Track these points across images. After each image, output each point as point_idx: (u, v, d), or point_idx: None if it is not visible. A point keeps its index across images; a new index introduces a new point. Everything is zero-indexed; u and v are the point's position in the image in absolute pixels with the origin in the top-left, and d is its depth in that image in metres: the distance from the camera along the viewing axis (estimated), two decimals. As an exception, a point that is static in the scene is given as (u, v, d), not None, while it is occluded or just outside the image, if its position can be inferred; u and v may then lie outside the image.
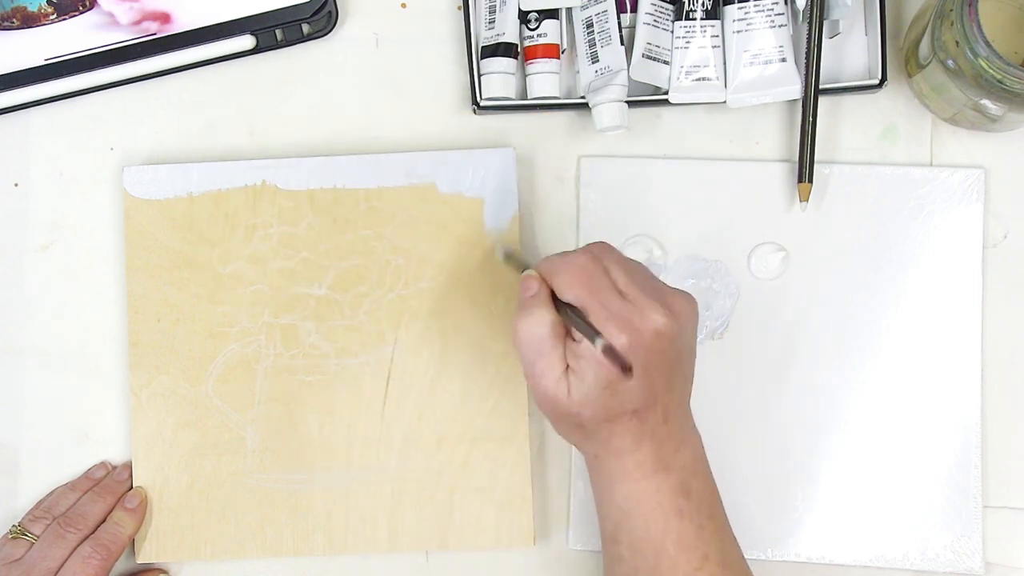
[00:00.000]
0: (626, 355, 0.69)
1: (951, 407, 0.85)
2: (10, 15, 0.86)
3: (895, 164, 0.87)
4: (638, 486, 0.72)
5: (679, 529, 0.71)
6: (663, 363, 0.71)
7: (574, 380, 0.71)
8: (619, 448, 0.72)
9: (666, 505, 0.72)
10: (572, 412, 0.71)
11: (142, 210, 0.86)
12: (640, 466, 0.72)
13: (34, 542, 0.82)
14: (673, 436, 0.72)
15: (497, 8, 0.86)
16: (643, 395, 0.70)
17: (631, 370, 0.69)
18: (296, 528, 0.85)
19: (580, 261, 0.72)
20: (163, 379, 0.86)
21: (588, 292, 0.70)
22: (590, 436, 0.72)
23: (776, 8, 0.84)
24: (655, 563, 0.71)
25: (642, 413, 0.71)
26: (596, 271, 0.71)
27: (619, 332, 0.69)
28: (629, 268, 0.72)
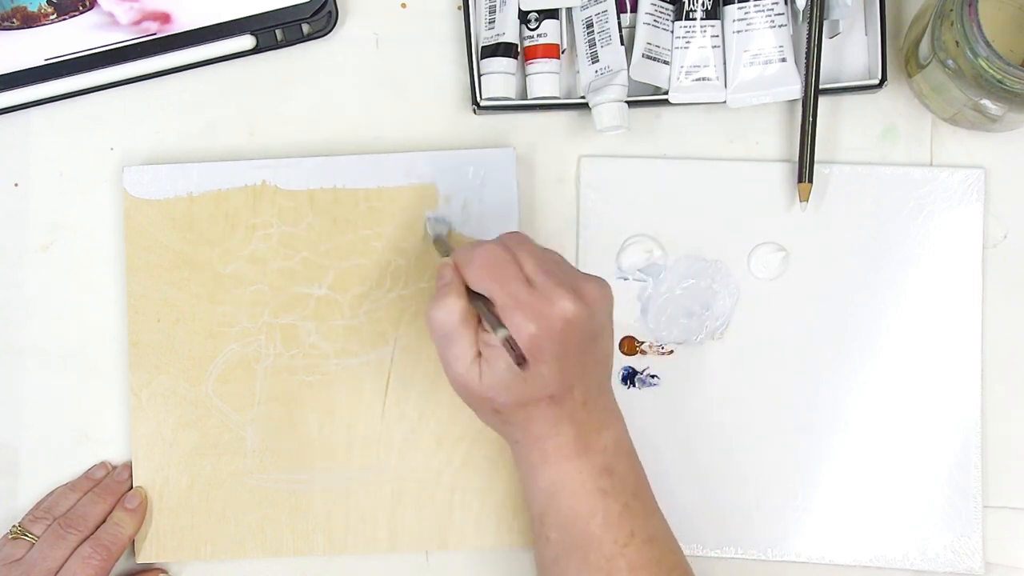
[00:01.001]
0: (535, 344, 0.70)
1: (951, 407, 0.85)
2: (10, 15, 0.86)
3: (895, 164, 0.87)
4: (560, 468, 0.73)
5: (604, 508, 0.72)
6: (575, 349, 0.72)
7: (485, 367, 0.72)
8: (538, 433, 0.73)
9: (589, 486, 0.73)
10: (486, 397, 0.73)
11: (142, 210, 0.86)
12: (561, 449, 0.73)
13: (34, 542, 0.82)
14: (593, 419, 0.73)
15: (497, 8, 0.86)
16: (556, 380, 0.72)
17: (527, 363, 0.70)
18: (296, 528, 0.85)
19: (491, 251, 0.73)
20: (163, 379, 0.86)
21: (496, 282, 0.72)
22: (508, 421, 0.74)
23: (776, 8, 0.84)
24: (582, 542, 0.72)
25: (558, 398, 0.72)
26: (506, 261, 0.72)
27: (526, 321, 0.70)
28: (540, 258, 0.73)
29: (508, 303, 0.71)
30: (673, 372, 0.86)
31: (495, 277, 0.72)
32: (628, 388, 0.86)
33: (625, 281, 0.87)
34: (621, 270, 0.87)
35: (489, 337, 0.72)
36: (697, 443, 0.86)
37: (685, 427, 0.86)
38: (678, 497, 0.85)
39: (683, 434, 0.86)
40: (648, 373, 0.86)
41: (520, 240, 0.74)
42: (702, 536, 0.85)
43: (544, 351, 0.71)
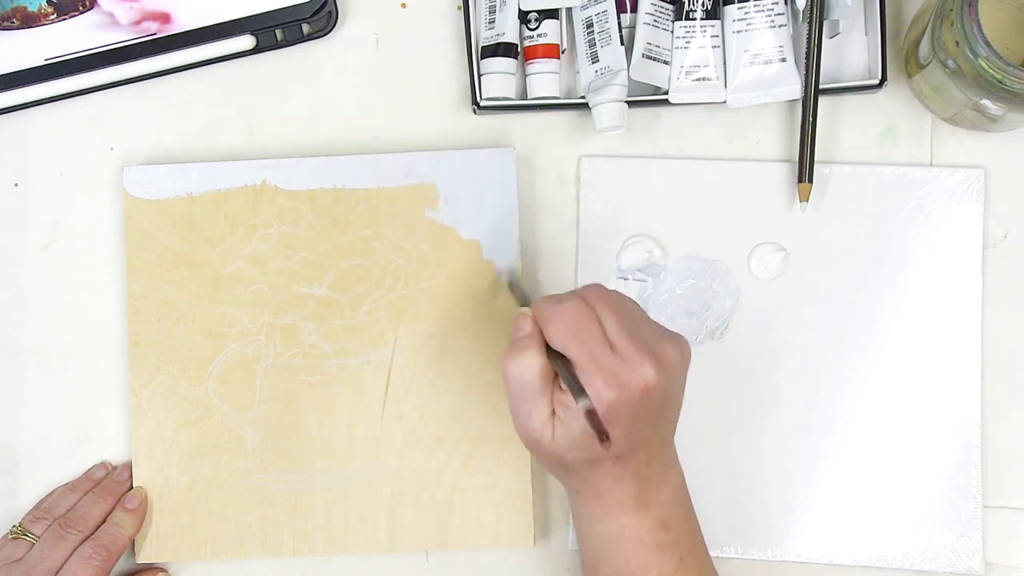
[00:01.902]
0: (612, 410, 0.69)
1: (951, 407, 0.85)
2: (10, 15, 0.86)
3: (895, 164, 0.87)
4: (619, 522, 0.72)
5: (660, 563, 0.72)
6: (650, 415, 0.71)
7: (559, 427, 0.71)
8: (600, 487, 0.72)
9: (647, 540, 0.72)
10: (556, 455, 0.72)
11: (142, 210, 0.86)
12: (621, 504, 0.72)
13: (34, 542, 0.82)
14: (655, 476, 0.73)
15: (497, 8, 0.86)
16: (627, 444, 0.71)
17: (609, 438, 0.69)
18: (296, 528, 0.85)
19: (574, 310, 0.71)
20: (163, 379, 0.86)
21: (578, 344, 0.70)
22: (572, 474, 0.73)
23: (776, 8, 0.84)
24: None
25: (625, 458, 0.72)
26: (587, 320, 0.71)
27: (606, 387, 0.69)
28: (621, 315, 0.72)
29: (589, 367, 0.69)
30: (673, 372, 0.86)
31: (577, 338, 0.70)
32: (628, 388, 0.86)
33: (625, 281, 0.87)
34: (621, 270, 0.87)
35: (566, 397, 0.70)
36: (697, 443, 0.86)
37: (684, 427, 0.85)
38: (678, 497, 0.85)
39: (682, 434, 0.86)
40: (648, 373, 0.86)
41: (601, 294, 0.73)
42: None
43: (621, 417, 0.70)
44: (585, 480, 0.73)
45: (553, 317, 0.71)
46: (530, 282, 0.87)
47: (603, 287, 0.74)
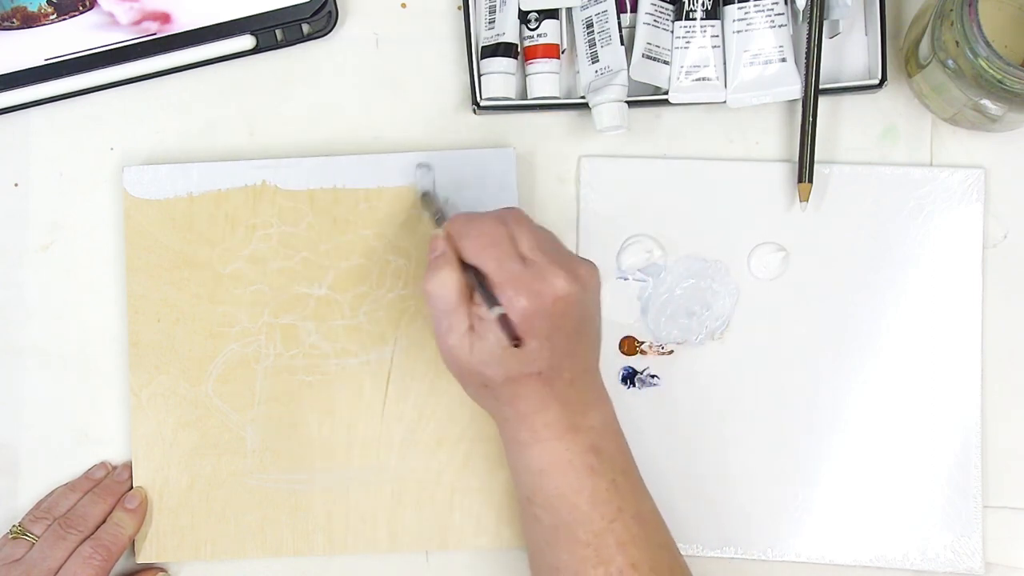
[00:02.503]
0: (527, 319, 0.71)
1: (951, 407, 0.85)
2: (10, 15, 0.86)
3: (895, 164, 0.87)
4: (549, 447, 0.73)
5: (592, 486, 0.73)
6: (566, 328, 0.72)
7: (476, 340, 0.72)
8: (526, 410, 0.73)
9: (577, 463, 0.73)
10: (475, 371, 0.73)
11: (142, 210, 0.86)
12: (549, 427, 0.73)
13: (34, 542, 0.82)
14: (581, 399, 0.74)
15: (497, 8, 0.86)
16: (546, 358, 0.72)
17: (521, 341, 0.71)
18: (296, 528, 0.85)
19: (488, 226, 0.73)
20: (163, 379, 0.86)
21: (491, 257, 0.72)
22: (496, 397, 0.74)
23: (776, 8, 0.84)
24: (571, 520, 0.73)
25: (547, 376, 0.73)
26: (501, 236, 0.73)
27: (518, 295, 0.71)
28: (535, 233, 0.74)
29: (502, 278, 0.72)
30: (673, 372, 0.86)
31: (491, 252, 0.72)
32: (628, 388, 0.86)
33: (625, 281, 0.87)
34: (621, 270, 0.87)
35: (482, 311, 0.72)
36: (697, 443, 0.86)
37: (685, 427, 0.86)
38: (678, 497, 0.85)
39: (683, 434, 0.86)
40: (648, 373, 0.86)
41: (517, 216, 0.75)
42: (702, 536, 0.85)
43: (535, 327, 0.71)
44: (511, 404, 0.73)
45: (468, 232, 0.73)
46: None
47: (520, 210, 0.76)
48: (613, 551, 0.72)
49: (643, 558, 0.73)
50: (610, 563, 0.72)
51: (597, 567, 0.72)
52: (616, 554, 0.72)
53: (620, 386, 0.86)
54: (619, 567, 0.72)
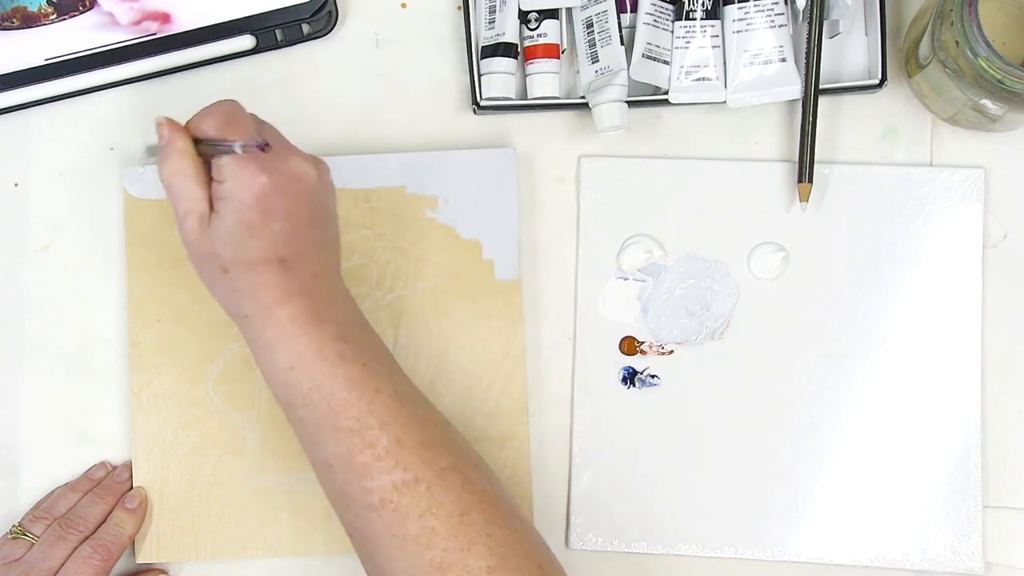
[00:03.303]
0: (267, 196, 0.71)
1: (951, 407, 0.85)
2: (10, 15, 0.86)
3: (895, 164, 0.87)
4: (296, 341, 0.72)
5: (345, 371, 0.72)
6: (307, 213, 0.73)
7: (215, 220, 0.72)
8: (268, 301, 0.72)
9: (327, 352, 0.72)
10: (213, 251, 0.72)
11: (142, 210, 0.86)
12: (294, 320, 0.72)
13: (34, 542, 0.82)
14: (325, 295, 0.74)
15: (497, 8, 0.86)
16: (286, 242, 0.72)
17: (269, 146, 0.72)
18: (296, 528, 0.85)
19: (227, 105, 0.73)
20: (163, 379, 0.86)
21: (229, 127, 0.72)
22: (236, 287, 0.73)
23: (776, 8, 0.84)
24: (329, 409, 0.72)
25: (289, 263, 0.72)
26: (242, 117, 0.73)
27: (259, 171, 0.71)
28: (270, 125, 0.75)
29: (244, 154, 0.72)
30: (673, 372, 0.86)
31: (229, 122, 0.72)
32: (628, 388, 0.86)
33: (625, 281, 0.87)
34: (621, 270, 0.87)
35: (220, 189, 0.71)
36: (697, 443, 0.86)
37: (685, 427, 0.86)
38: (678, 497, 0.85)
39: (683, 434, 0.86)
40: (648, 373, 0.86)
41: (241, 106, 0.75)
42: (702, 536, 0.85)
43: (275, 206, 0.71)
44: (252, 293, 0.72)
45: (207, 113, 0.73)
46: (530, 282, 0.87)
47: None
48: (377, 431, 0.72)
49: (409, 434, 0.72)
50: (376, 444, 0.71)
51: (364, 450, 0.71)
52: (380, 434, 0.71)
53: (620, 386, 0.86)
54: (385, 446, 0.71)
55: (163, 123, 0.74)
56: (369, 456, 0.71)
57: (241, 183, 0.71)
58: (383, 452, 0.71)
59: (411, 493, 0.71)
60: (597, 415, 0.86)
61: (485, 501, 0.72)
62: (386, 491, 0.71)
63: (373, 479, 0.71)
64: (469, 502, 0.72)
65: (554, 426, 0.86)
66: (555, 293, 0.87)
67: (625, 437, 0.86)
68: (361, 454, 0.71)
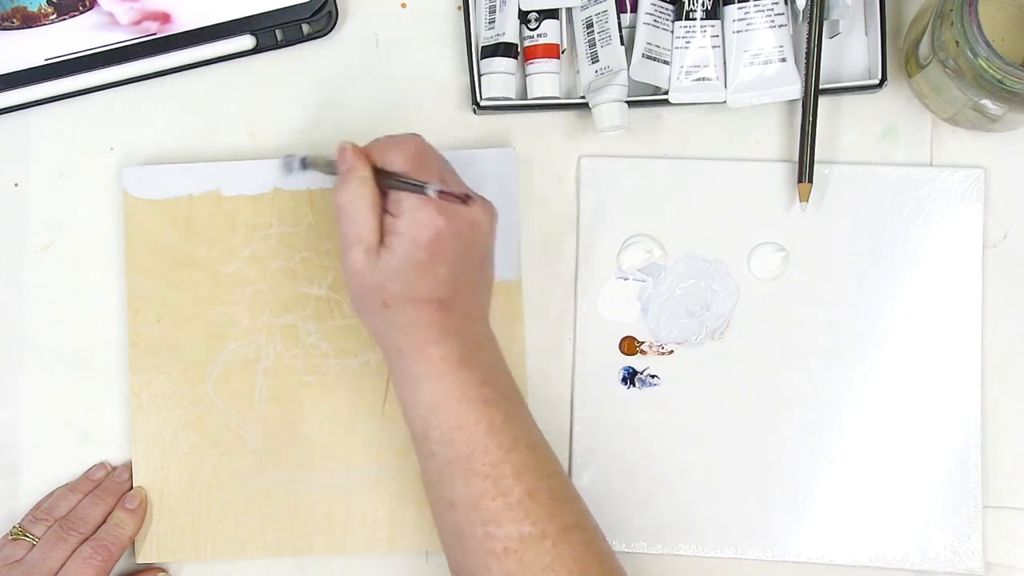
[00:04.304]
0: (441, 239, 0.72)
1: (951, 407, 0.85)
2: (10, 15, 0.86)
3: (895, 164, 0.87)
4: (445, 380, 0.73)
5: (488, 417, 0.73)
6: (473, 257, 0.74)
7: (385, 253, 0.72)
8: (423, 340, 0.73)
9: (473, 396, 0.73)
10: (378, 286, 0.73)
11: (142, 210, 0.86)
12: (445, 359, 0.73)
13: (34, 543, 0.82)
14: (475, 336, 0.75)
15: (497, 8, 0.86)
16: (449, 284, 0.73)
17: (470, 198, 0.72)
18: (296, 528, 0.85)
19: (415, 141, 0.74)
20: (163, 379, 0.86)
21: (416, 167, 0.73)
22: (394, 321, 0.74)
23: (776, 8, 0.84)
24: (467, 452, 0.73)
25: (447, 304, 0.73)
26: (429, 155, 0.74)
27: (437, 214, 0.72)
28: (449, 166, 0.76)
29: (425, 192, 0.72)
30: (673, 372, 0.86)
31: (418, 165, 0.73)
32: (628, 388, 0.86)
33: (625, 281, 0.87)
34: (621, 270, 0.87)
35: (395, 224, 0.72)
36: (697, 443, 0.86)
37: (685, 427, 0.86)
38: (678, 497, 0.85)
39: (683, 434, 0.86)
40: (648, 373, 0.86)
41: (430, 145, 0.76)
42: (702, 536, 0.85)
43: (447, 248, 0.72)
44: (408, 330, 0.73)
45: (396, 146, 0.74)
46: (530, 282, 0.87)
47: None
48: (511, 481, 0.72)
49: (540, 486, 0.73)
50: (509, 493, 0.72)
51: (496, 498, 0.72)
52: (514, 484, 0.72)
53: (620, 386, 0.86)
54: (518, 496, 0.72)
55: (347, 148, 0.74)
56: (500, 504, 0.72)
57: (417, 222, 0.72)
58: (515, 502, 0.72)
59: (536, 547, 0.72)
60: (597, 415, 0.86)
61: (604, 564, 0.73)
62: (512, 541, 0.72)
63: (500, 527, 0.72)
64: (590, 563, 0.73)
65: (554, 426, 0.86)
66: (555, 293, 0.87)
67: (625, 437, 0.86)
68: (493, 501, 0.72)
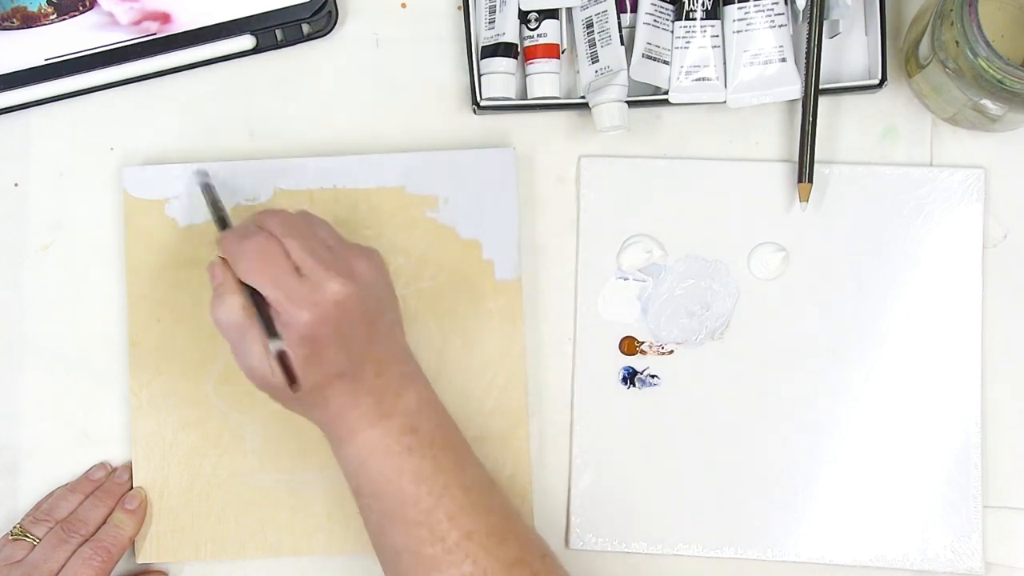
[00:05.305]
0: (314, 331, 0.71)
1: (951, 407, 0.86)
2: (10, 15, 0.86)
3: (895, 164, 0.87)
4: (365, 436, 0.74)
5: (413, 465, 0.74)
6: (356, 327, 0.73)
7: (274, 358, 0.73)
8: (339, 409, 0.74)
9: (395, 447, 0.74)
10: (281, 388, 0.73)
11: (142, 210, 0.86)
12: (363, 418, 0.74)
13: (35, 544, 0.82)
14: (391, 386, 0.75)
15: (497, 8, 0.86)
16: (344, 360, 0.73)
17: (298, 384, 0.72)
18: (296, 528, 0.85)
19: (257, 245, 0.73)
20: (163, 379, 0.86)
21: (266, 276, 0.72)
22: (308, 405, 0.75)
23: (776, 8, 0.84)
24: (398, 503, 0.73)
25: (350, 375, 0.73)
26: (272, 253, 0.73)
27: (299, 310, 0.72)
28: (306, 238, 0.74)
29: (279, 297, 0.72)
30: (673, 372, 0.86)
31: (265, 273, 0.72)
32: (628, 388, 0.86)
33: (625, 281, 0.87)
34: (621, 270, 0.87)
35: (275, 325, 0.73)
36: (697, 443, 0.86)
37: (685, 427, 0.86)
38: (678, 497, 0.85)
39: (683, 434, 0.86)
40: (648, 373, 0.86)
41: (283, 222, 0.75)
42: (702, 536, 0.85)
43: (323, 336, 0.72)
44: (324, 407, 0.74)
45: (239, 255, 0.73)
46: (530, 282, 0.87)
47: (286, 213, 0.76)
48: (446, 525, 0.73)
49: (477, 526, 0.73)
50: (446, 538, 0.73)
51: (434, 544, 0.73)
52: (450, 528, 0.73)
53: (620, 386, 0.86)
54: (455, 540, 0.72)
55: (215, 266, 0.75)
56: (439, 549, 0.72)
57: (287, 326, 0.72)
58: (452, 546, 0.72)
59: None
60: (597, 415, 0.86)
61: None
62: None
63: (442, 571, 0.72)
64: None
65: (554, 426, 0.86)
66: (555, 293, 0.87)
67: (625, 437, 0.86)
68: (431, 547, 0.73)
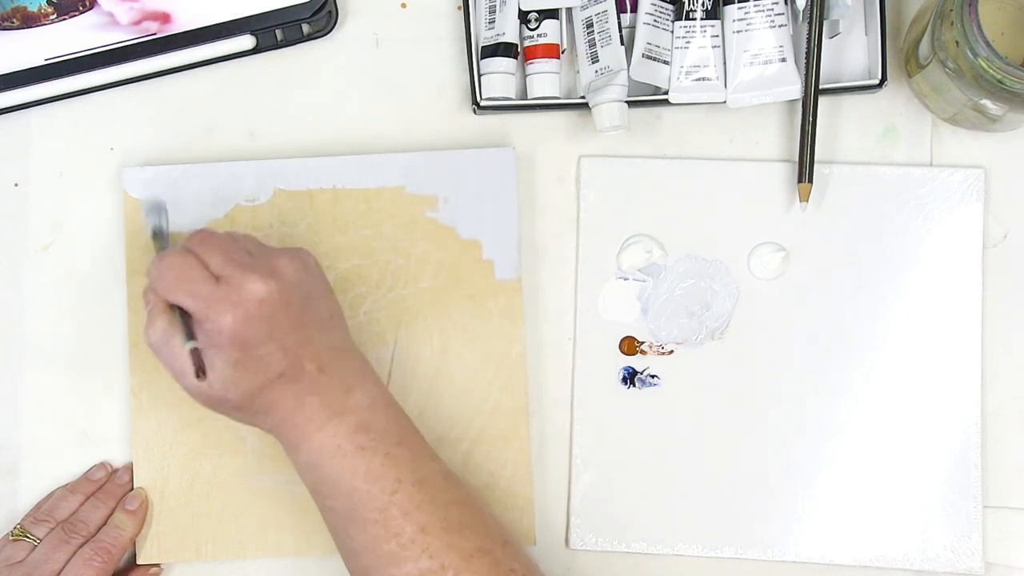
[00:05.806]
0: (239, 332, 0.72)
1: (951, 407, 0.86)
2: (10, 15, 0.86)
3: (895, 164, 0.87)
4: (316, 438, 0.74)
5: (365, 463, 0.74)
6: (285, 323, 0.73)
7: (208, 372, 0.73)
8: (284, 413, 0.74)
9: (346, 447, 0.74)
10: (220, 399, 0.74)
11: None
12: (311, 421, 0.74)
13: (35, 544, 0.82)
14: (338, 383, 0.75)
15: (497, 8, 0.86)
16: (279, 358, 0.73)
17: (204, 375, 0.73)
18: (296, 528, 0.85)
19: (172, 262, 0.74)
20: (164, 379, 0.85)
21: (182, 290, 0.73)
22: (255, 413, 0.75)
23: (776, 8, 0.84)
24: (354, 502, 0.73)
25: (290, 374, 0.74)
26: (188, 267, 0.73)
27: (221, 314, 0.72)
28: (227, 249, 0.74)
29: (199, 305, 0.72)
30: (673, 372, 0.86)
31: (182, 286, 0.73)
32: (628, 388, 0.86)
33: (625, 281, 0.87)
34: (621, 270, 0.87)
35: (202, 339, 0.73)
36: (697, 443, 0.86)
37: (685, 427, 0.86)
38: (678, 497, 0.85)
39: (683, 434, 0.86)
40: (648, 373, 0.86)
41: (204, 239, 0.75)
42: (702, 536, 0.85)
43: (253, 336, 0.72)
44: (269, 413, 0.74)
45: (157, 275, 0.74)
46: (530, 282, 0.87)
47: (210, 231, 0.76)
48: (400, 521, 0.73)
49: (432, 520, 0.73)
50: (400, 533, 0.73)
51: (389, 541, 0.73)
52: (404, 523, 0.73)
53: (620, 386, 0.86)
54: (410, 535, 0.73)
55: (149, 292, 0.75)
56: (395, 545, 0.73)
57: (212, 332, 0.72)
58: (408, 541, 0.73)
59: None
60: (597, 415, 0.86)
61: None
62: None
63: (400, 567, 0.73)
64: None
65: (554, 426, 0.86)
66: (555, 293, 0.87)
67: (625, 437, 0.86)
68: (387, 544, 0.73)
